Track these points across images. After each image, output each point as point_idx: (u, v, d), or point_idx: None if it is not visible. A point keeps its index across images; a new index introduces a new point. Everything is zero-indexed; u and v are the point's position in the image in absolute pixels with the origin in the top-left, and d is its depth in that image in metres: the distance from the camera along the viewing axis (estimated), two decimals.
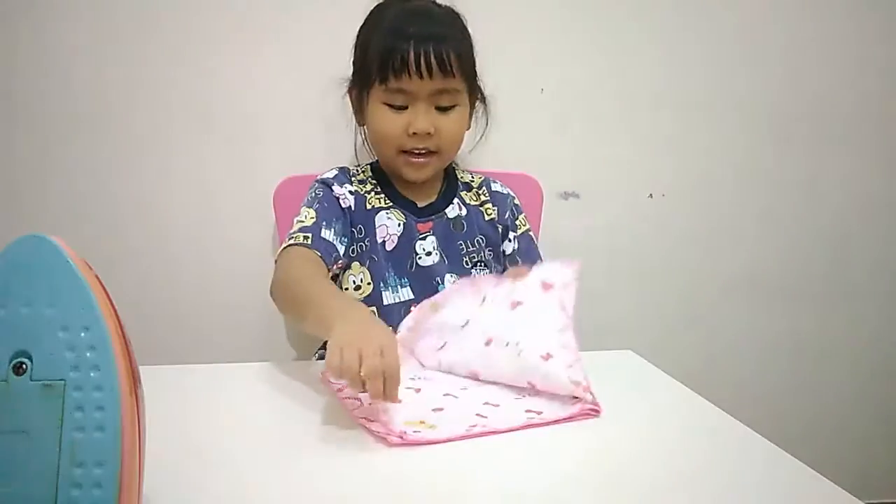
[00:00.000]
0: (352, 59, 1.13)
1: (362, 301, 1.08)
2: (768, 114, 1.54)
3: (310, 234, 1.02)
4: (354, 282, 1.11)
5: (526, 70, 1.44)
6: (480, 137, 1.21)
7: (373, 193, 1.15)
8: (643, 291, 1.57)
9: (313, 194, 1.12)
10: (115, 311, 0.50)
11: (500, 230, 1.19)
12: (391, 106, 1.06)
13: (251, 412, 0.79)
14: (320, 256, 1.00)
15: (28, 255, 0.48)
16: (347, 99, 1.18)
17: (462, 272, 1.13)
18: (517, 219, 1.21)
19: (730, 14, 1.50)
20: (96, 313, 0.48)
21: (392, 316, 1.08)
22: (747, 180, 1.56)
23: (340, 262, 1.08)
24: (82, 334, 0.47)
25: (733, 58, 1.51)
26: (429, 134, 1.06)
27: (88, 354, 0.47)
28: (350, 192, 1.13)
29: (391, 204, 1.14)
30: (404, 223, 1.12)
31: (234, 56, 1.36)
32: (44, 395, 0.46)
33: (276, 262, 1.02)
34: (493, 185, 1.22)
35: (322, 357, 1.07)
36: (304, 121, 1.38)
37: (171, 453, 0.66)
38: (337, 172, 1.16)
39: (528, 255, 1.19)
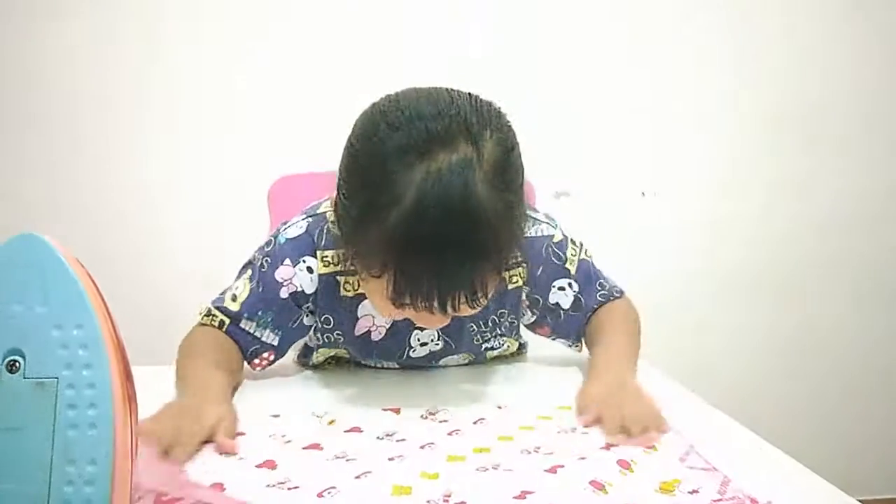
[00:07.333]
0: (339, 179, 0.79)
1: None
2: (760, 114, 1.55)
3: (227, 320, 0.89)
4: (324, 356, 0.96)
5: (520, 70, 1.44)
6: None
7: (352, 276, 0.88)
8: (636, 290, 1.58)
9: (259, 262, 0.90)
10: (107, 309, 0.50)
11: (527, 290, 0.94)
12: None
13: (242, 409, 0.79)
14: (235, 342, 0.89)
15: (21, 254, 0.48)
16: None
17: (470, 349, 0.95)
18: (565, 261, 0.94)
19: (723, 16, 1.51)
20: (89, 312, 0.48)
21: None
22: (739, 179, 1.57)
23: (266, 353, 0.90)
24: (75, 332, 0.48)
25: (726, 58, 1.52)
26: None
27: (81, 352, 0.47)
28: (309, 269, 0.88)
29: None
30: None
31: (229, 55, 1.36)
32: (37, 392, 0.46)
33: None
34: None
35: (303, 362, 1.00)
36: (299, 119, 1.38)
37: None
38: (302, 235, 0.90)
39: (586, 293, 0.95)
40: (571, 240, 0.96)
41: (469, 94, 0.76)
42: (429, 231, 0.68)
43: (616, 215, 1.53)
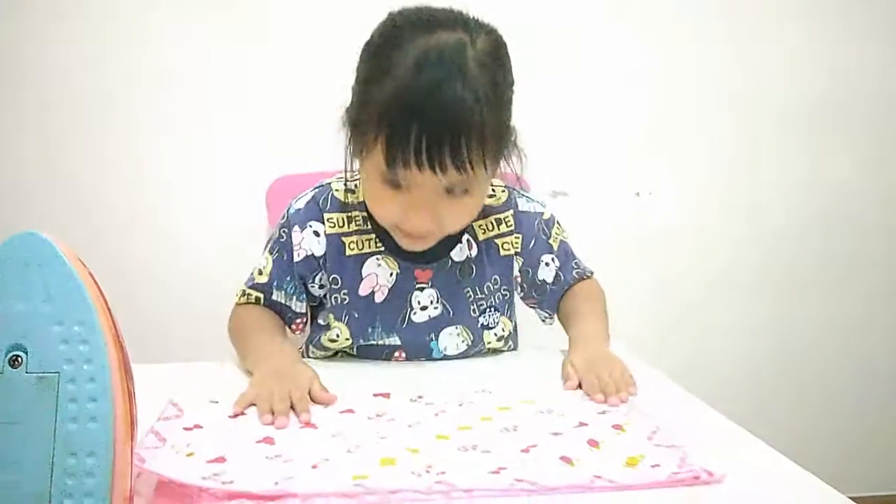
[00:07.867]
0: (354, 82, 0.91)
1: (341, 351, 1.00)
2: (754, 114, 1.56)
3: (262, 295, 0.98)
4: (329, 337, 0.98)
5: (517, 70, 1.45)
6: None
7: (356, 235, 0.97)
8: (630, 288, 1.59)
9: (277, 234, 0.99)
10: (107, 306, 0.51)
11: (520, 263, 1.02)
12: (389, 181, 0.85)
13: (240, 391, 0.80)
14: (276, 312, 0.99)
15: (23, 252, 0.49)
16: (343, 99, 1.01)
17: (468, 322, 0.99)
18: (550, 237, 1.04)
19: (721, 15, 1.51)
20: (90, 308, 0.49)
21: (371, 353, 0.98)
22: (732, 179, 1.58)
23: (299, 320, 1.00)
24: (76, 328, 0.49)
25: (722, 59, 1.53)
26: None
27: (82, 348, 0.48)
28: (316, 233, 0.96)
29: (382, 248, 0.96)
30: (397, 273, 0.96)
31: (229, 55, 1.37)
32: (38, 386, 0.47)
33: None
34: (519, 201, 1.04)
35: (313, 339, 1.02)
36: (299, 119, 1.39)
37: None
38: (309, 202, 0.99)
39: (564, 269, 1.04)
40: (557, 221, 1.07)
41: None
42: (421, 88, 0.79)
43: (611, 215, 1.54)
